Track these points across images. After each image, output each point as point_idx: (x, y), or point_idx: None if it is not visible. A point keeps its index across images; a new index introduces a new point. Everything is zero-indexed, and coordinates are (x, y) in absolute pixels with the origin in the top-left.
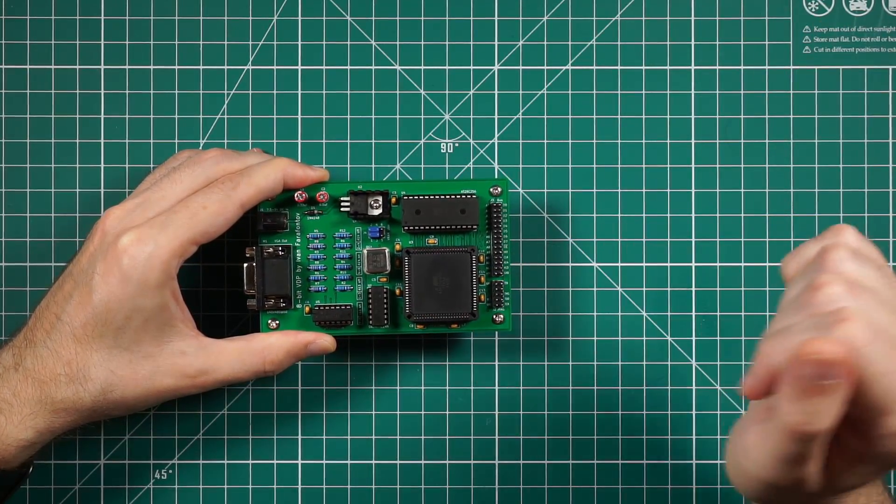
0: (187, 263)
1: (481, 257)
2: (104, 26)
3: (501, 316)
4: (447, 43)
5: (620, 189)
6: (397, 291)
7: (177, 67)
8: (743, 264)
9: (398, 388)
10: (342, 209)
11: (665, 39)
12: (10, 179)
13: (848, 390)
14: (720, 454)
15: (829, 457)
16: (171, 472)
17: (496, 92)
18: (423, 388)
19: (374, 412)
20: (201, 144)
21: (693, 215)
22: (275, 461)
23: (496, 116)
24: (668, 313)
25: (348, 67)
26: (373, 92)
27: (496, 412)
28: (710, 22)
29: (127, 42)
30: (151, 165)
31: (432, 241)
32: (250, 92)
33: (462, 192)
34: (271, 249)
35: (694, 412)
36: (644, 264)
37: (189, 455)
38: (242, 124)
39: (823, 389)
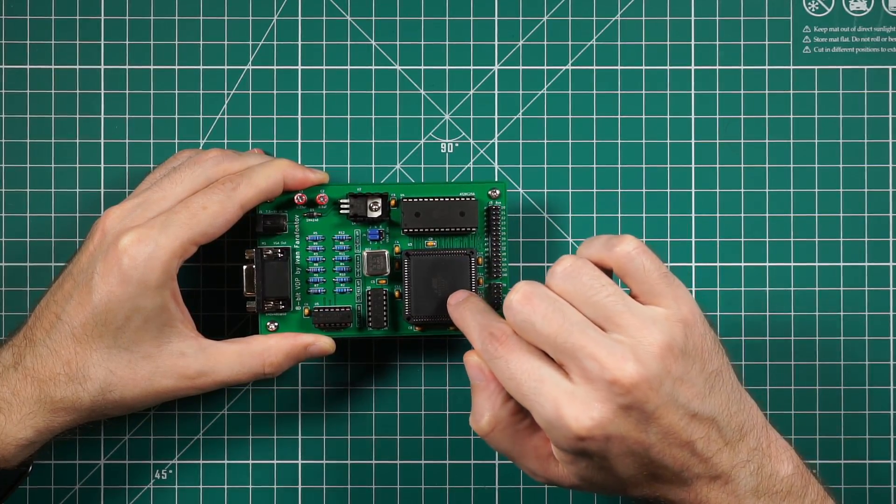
0: (187, 264)
1: (480, 259)
2: (104, 26)
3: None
4: (447, 43)
5: (620, 189)
6: (396, 294)
7: (177, 67)
8: (743, 264)
9: (398, 388)
10: (342, 211)
11: (665, 39)
12: (10, 179)
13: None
14: None
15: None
16: (171, 472)
17: (496, 92)
18: (423, 388)
19: (374, 412)
20: (201, 144)
21: (693, 215)
22: (275, 461)
23: (496, 116)
24: None
25: (348, 67)
26: (373, 92)
27: None
28: (710, 22)
29: (127, 42)
30: (151, 165)
31: (431, 243)
32: (250, 92)
33: (461, 194)
34: (270, 251)
35: None
36: None
37: (189, 455)
38: (242, 124)
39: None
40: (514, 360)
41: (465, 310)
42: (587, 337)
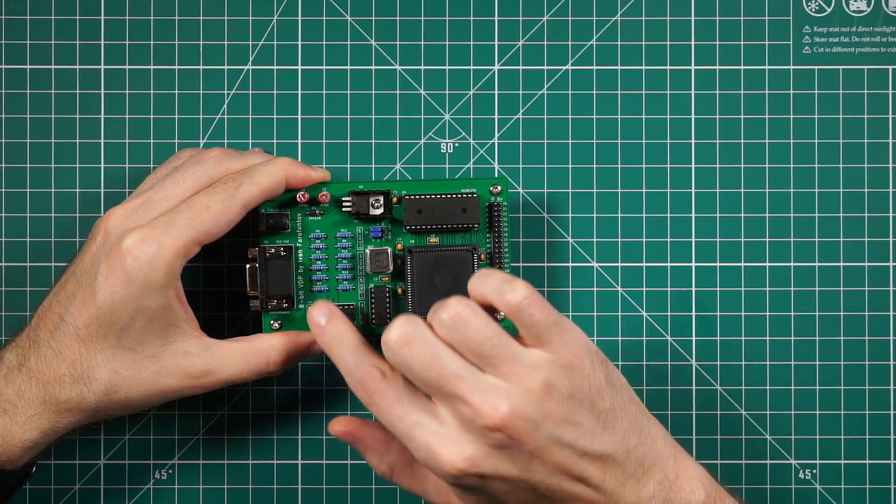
0: (189, 264)
1: (482, 255)
2: (104, 26)
3: (502, 314)
4: (447, 43)
5: (620, 189)
6: (399, 291)
7: (177, 67)
8: (743, 264)
9: None
10: (344, 209)
11: (665, 39)
12: (10, 179)
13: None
14: (720, 453)
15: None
16: (171, 472)
17: (496, 92)
18: None
19: None
20: (201, 144)
21: (693, 215)
22: (275, 461)
23: (496, 116)
24: (668, 313)
25: (348, 67)
26: (373, 92)
27: None
28: (710, 22)
29: (127, 42)
30: (151, 165)
31: (433, 240)
32: (250, 92)
33: (462, 191)
34: (273, 250)
35: (694, 412)
36: (644, 264)
37: (189, 455)
38: (242, 124)
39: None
40: (386, 409)
41: (333, 344)
42: (464, 384)
